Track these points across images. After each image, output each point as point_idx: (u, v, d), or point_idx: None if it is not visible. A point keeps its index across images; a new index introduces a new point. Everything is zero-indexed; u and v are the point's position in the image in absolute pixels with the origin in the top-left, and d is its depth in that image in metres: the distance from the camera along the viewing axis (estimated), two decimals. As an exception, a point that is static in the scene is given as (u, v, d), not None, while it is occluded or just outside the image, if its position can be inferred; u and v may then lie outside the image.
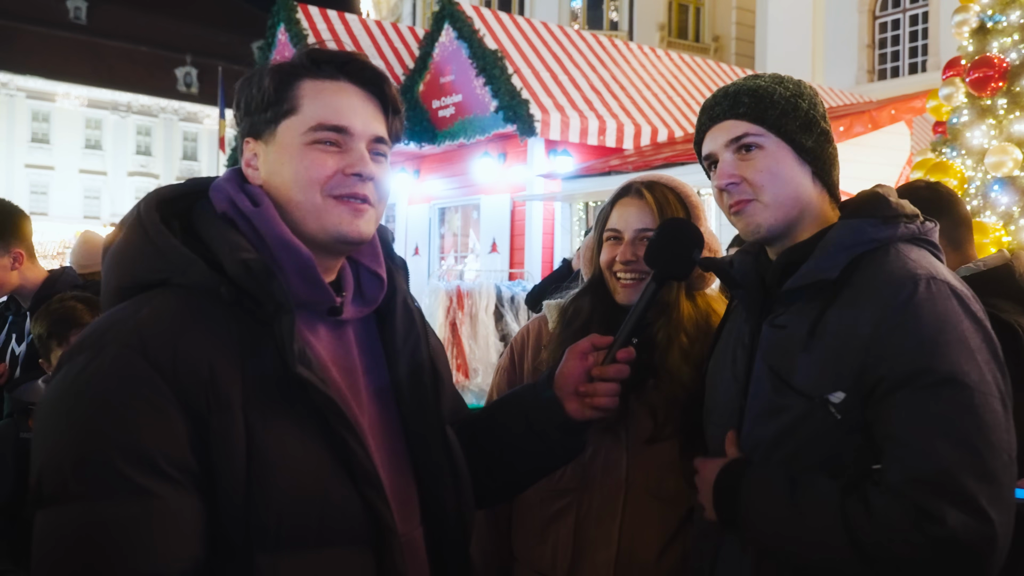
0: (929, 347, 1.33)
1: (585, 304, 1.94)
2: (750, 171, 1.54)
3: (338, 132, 1.29)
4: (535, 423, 1.51)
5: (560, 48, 11.90)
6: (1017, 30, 4.73)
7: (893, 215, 1.50)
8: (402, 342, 1.42)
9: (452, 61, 11.28)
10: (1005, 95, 4.69)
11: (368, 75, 1.35)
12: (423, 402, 1.41)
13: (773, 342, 1.53)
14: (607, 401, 1.48)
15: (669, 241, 1.59)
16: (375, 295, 1.42)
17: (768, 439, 1.50)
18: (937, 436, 1.29)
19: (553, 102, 10.68)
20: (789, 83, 1.60)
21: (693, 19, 26.44)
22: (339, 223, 1.28)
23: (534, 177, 10.55)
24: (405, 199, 12.97)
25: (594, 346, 1.52)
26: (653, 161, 8.98)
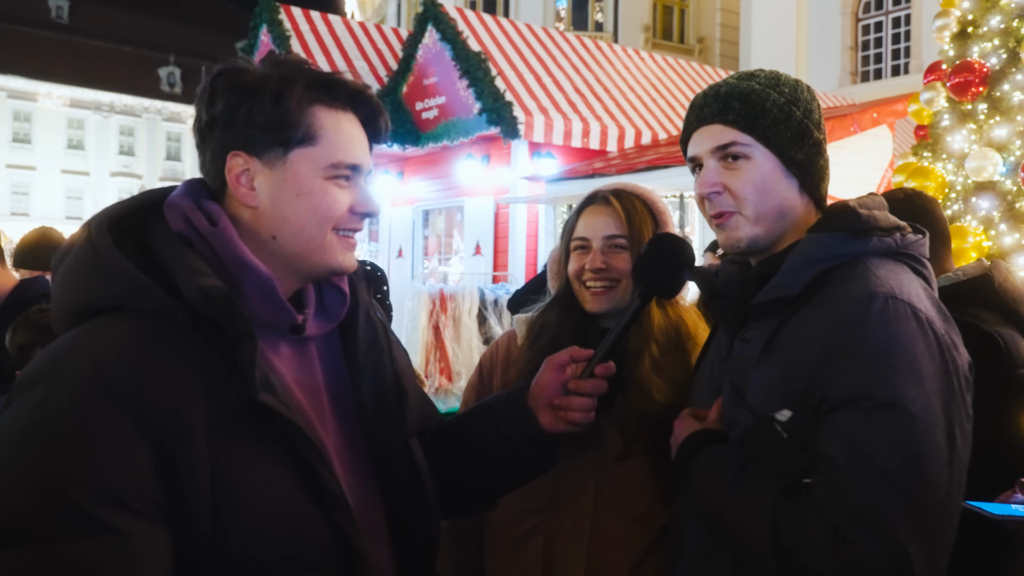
0: (873, 369, 1.28)
1: (553, 317, 1.91)
2: (734, 182, 1.49)
3: (352, 169, 1.30)
4: (507, 434, 1.50)
5: (544, 50, 11.87)
6: (998, 35, 4.73)
7: (864, 228, 1.44)
8: (364, 357, 1.40)
9: (435, 63, 11.23)
10: (986, 100, 4.70)
11: (373, 111, 1.36)
12: (387, 418, 1.39)
13: (737, 356, 1.51)
14: (581, 416, 1.46)
15: (659, 257, 1.57)
16: (338, 310, 1.40)
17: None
18: (867, 463, 1.25)
19: (537, 104, 10.65)
20: (786, 86, 1.52)
21: (678, 20, 26.50)
22: (340, 259, 1.31)
23: (518, 179, 10.51)
24: (389, 201, 12.91)
25: (572, 359, 1.50)
26: (637, 164, 8.96)
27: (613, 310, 1.84)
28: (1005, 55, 4.62)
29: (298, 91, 1.27)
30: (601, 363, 1.48)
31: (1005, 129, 4.50)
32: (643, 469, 1.76)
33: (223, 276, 1.23)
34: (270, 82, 1.26)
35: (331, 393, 1.35)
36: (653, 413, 1.75)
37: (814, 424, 1.34)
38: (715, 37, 26.12)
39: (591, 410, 1.48)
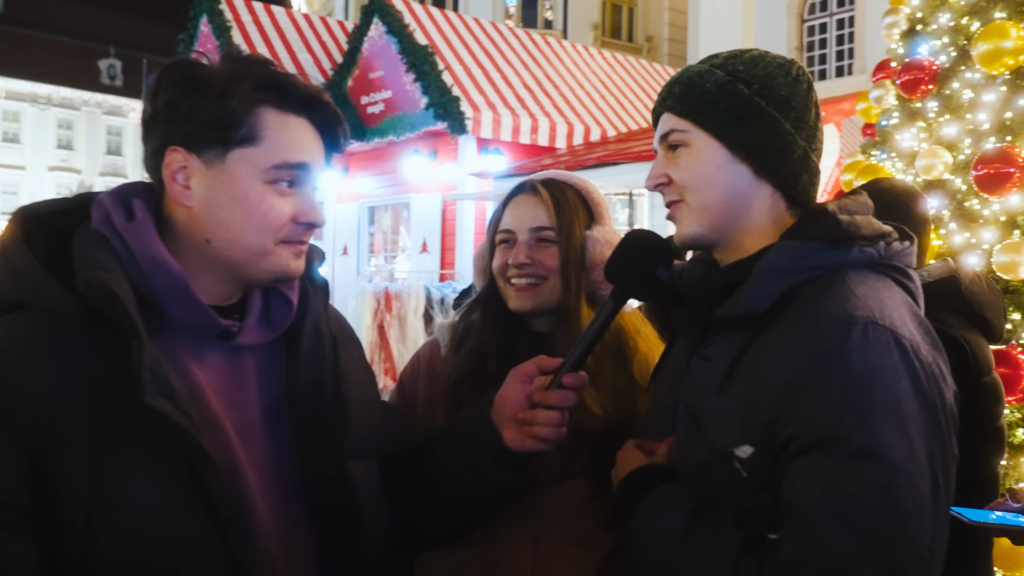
0: (851, 410, 1.11)
1: (477, 318, 1.75)
2: (675, 170, 1.36)
3: (297, 171, 1.25)
4: (471, 455, 1.40)
5: (492, 45, 11.72)
6: (947, 33, 4.69)
7: (844, 237, 1.27)
8: (305, 370, 1.32)
9: (381, 56, 11.01)
10: (935, 98, 4.65)
11: (329, 119, 1.30)
12: (322, 437, 1.30)
13: (696, 376, 1.35)
14: (548, 431, 1.35)
15: (633, 256, 1.42)
16: (283, 320, 1.33)
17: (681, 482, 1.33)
18: (841, 519, 1.08)
19: (485, 100, 10.49)
20: (741, 63, 1.36)
21: (627, 19, 26.57)
22: (282, 266, 1.25)
23: (465, 176, 10.36)
24: (333, 197, 12.65)
25: (539, 369, 1.40)
26: (586, 160, 8.86)
27: (539, 309, 1.68)
28: (955, 53, 4.58)
29: (245, 89, 1.22)
30: (571, 372, 1.36)
31: (955, 127, 4.45)
32: (585, 489, 1.60)
33: (137, 275, 1.18)
34: (218, 78, 1.22)
35: (265, 407, 1.28)
36: (593, 428, 1.59)
37: (778, 464, 1.18)
38: (663, 36, 26.25)
39: (560, 425, 1.37)
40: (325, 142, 1.31)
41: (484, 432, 1.39)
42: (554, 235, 1.68)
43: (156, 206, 1.26)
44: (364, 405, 1.38)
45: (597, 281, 1.68)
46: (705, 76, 1.36)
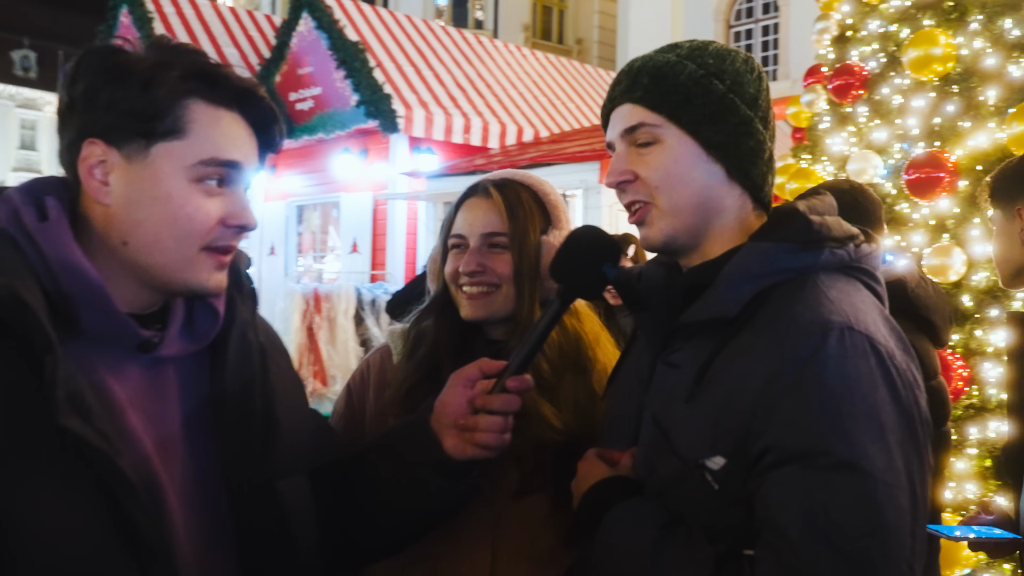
0: (829, 420, 1.07)
1: (430, 325, 1.65)
2: (643, 168, 1.27)
3: (227, 168, 1.15)
4: (410, 463, 1.32)
5: (424, 43, 11.59)
6: (877, 39, 4.77)
7: (815, 239, 1.22)
8: (231, 383, 1.22)
9: (311, 52, 10.78)
10: (866, 103, 4.73)
11: (264, 114, 1.21)
12: (250, 455, 1.21)
13: (662, 384, 1.28)
14: (490, 438, 1.28)
15: (579, 253, 1.34)
16: (207, 330, 1.23)
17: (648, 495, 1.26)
18: (820, 535, 1.04)
19: (417, 98, 10.36)
20: (711, 56, 1.29)
21: (557, 21, 26.68)
22: (204, 278, 1.16)
23: (397, 175, 10.21)
24: (260, 196, 12.35)
25: (482, 372, 1.33)
26: (519, 161, 8.82)
27: (492, 318, 1.60)
28: (884, 59, 4.65)
29: (173, 78, 1.12)
30: (515, 375, 1.29)
31: (885, 132, 4.53)
32: (545, 505, 1.52)
33: (49, 280, 1.08)
34: (142, 65, 1.12)
35: (187, 423, 1.19)
36: (552, 440, 1.51)
37: (752, 477, 1.12)
38: (593, 39, 26.43)
39: (504, 431, 1.29)
40: (259, 140, 1.23)
41: (423, 439, 1.32)
42: (507, 241, 1.59)
43: (71, 204, 1.15)
44: (294, 420, 1.30)
45: (552, 289, 1.60)
46: (676, 68, 1.27)
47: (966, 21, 4.07)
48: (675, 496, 1.19)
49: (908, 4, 4.52)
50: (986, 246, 3.68)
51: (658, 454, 1.23)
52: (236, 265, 1.29)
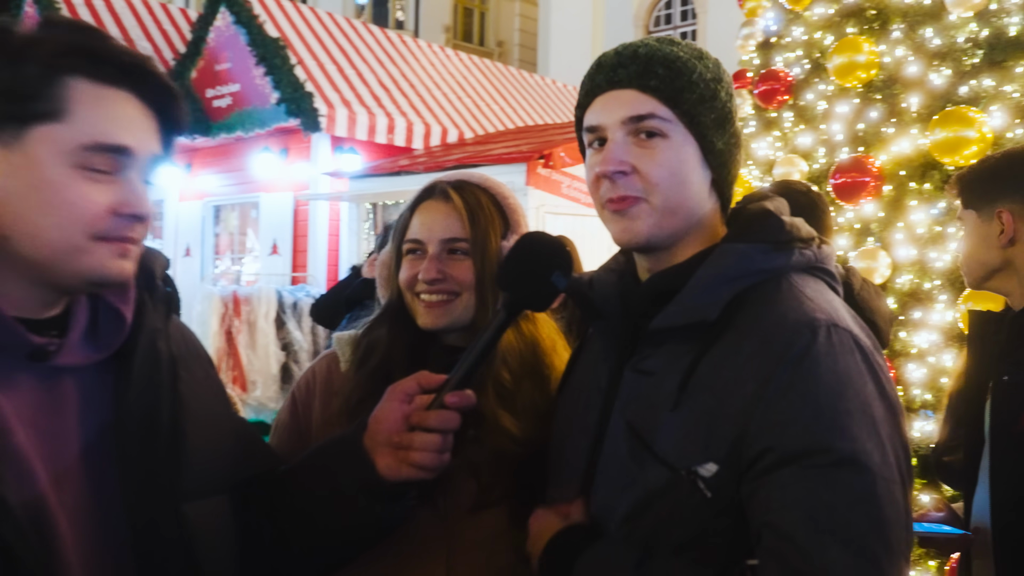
0: (828, 417, 1.06)
1: (383, 334, 1.57)
2: (647, 163, 1.22)
3: (116, 154, 1.05)
4: (338, 485, 1.23)
5: (347, 41, 11.39)
6: (801, 46, 4.86)
7: (787, 239, 1.22)
8: (136, 397, 1.12)
9: (229, 48, 10.46)
10: (791, 108, 4.81)
11: (161, 92, 1.11)
12: (153, 476, 1.11)
13: (636, 392, 1.24)
14: (426, 457, 1.19)
15: (526, 260, 1.27)
16: (113, 337, 1.13)
17: (621, 512, 1.20)
18: (827, 533, 1.02)
19: (340, 97, 10.16)
20: (710, 61, 1.27)
21: (478, 23, 26.68)
22: (101, 267, 1.05)
23: (319, 175, 9.98)
24: (175, 195, 11.94)
25: (420, 387, 1.23)
26: (445, 162, 8.72)
27: (452, 326, 1.53)
28: (809, 65, 4.75)
29: (47, 54, 1.02)
30: (455, 390, 1.20)
31: (809, 137, 4.62)
32: (503, 519, 1.46)
33: None
34: (13, 40, 1.02)
35: (86, 442, 1.08)
36: (510, 452, 1.45)
37: (746, 481, 1.10)
38: (514, 42, 26.50)
39: (442, 450, 1.20)
40: (160, 122, 1.12)
41: (354, 458, 1.23)
42: (468, 247, 1.52)
43: None
44: (209, 436, 1.20)
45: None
46: (689, 65, 1.23)
47: (888, 29, 4.18)
48: (663, 507, 1.15)
49: (832, 12, 4.62)
50: (909, 249, 3.78)
51: (640, 465, 1.18)
52: (149, 266, 1.21)
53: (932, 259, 3.68)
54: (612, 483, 1.23)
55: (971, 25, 3.78)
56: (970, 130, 3.43)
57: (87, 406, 1.10)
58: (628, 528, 1.19)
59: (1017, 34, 3.64)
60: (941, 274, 3.65)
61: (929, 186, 3.76)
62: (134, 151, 1.07)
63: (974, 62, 3.77)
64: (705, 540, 1.12)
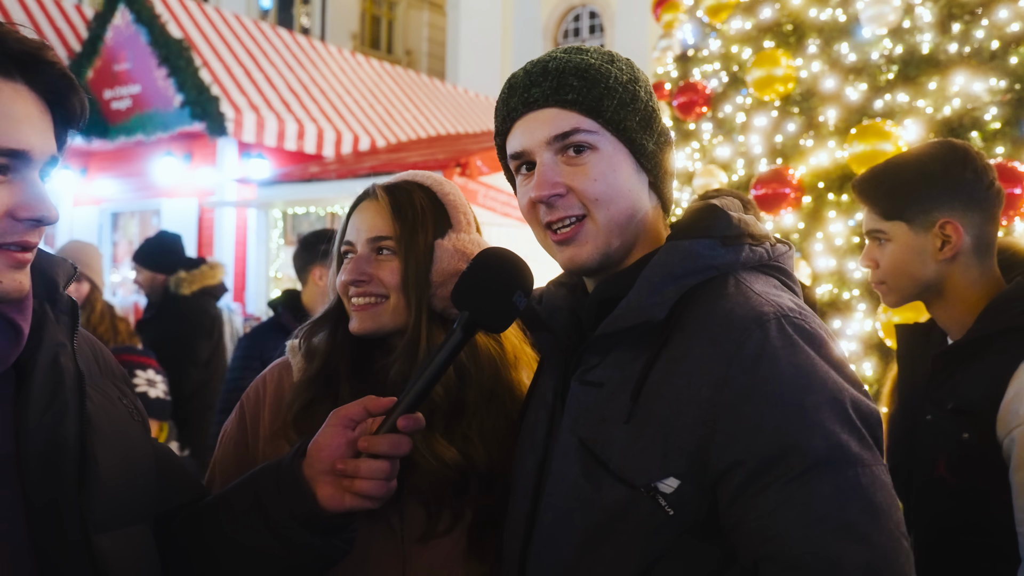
0: (796, 417, 1.01)
1: (322, 339, 1.49)
2: (581, 179, 1.16)
3: (10, 156, 0.95)
4: (274, 518, 1.12)
5: (254, 44, 11.10)
6: (719, 59, 4.94)
7: (735, 235, 1.17)
8: (39, 416, 1.01)
9: (129, 47, 10.06)
10: (710, 120, 4.88)
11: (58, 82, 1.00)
12: (60, 504, 1.00)
13: (585, 405, 1.16)
14: (372, 486, 1.10)
15: (487, 279, 1.18)
16: (6, 352, 1.01)
17: (574, 538, 1.12)
18: (832, 545, 0.98)
19: (247, 101, 9.88)
20: (622, 63, 1.22)
21: (386, 32, 26.52)
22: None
23: (225, 181, 9.68)
24: (69, 200, 11.38)
25: (367, 411, 1.13)
26: (358, 169, 8.58)
27: (380, 331, 1.44)
28: (727, 78, 4.82)
29: None
30: (406, 413, 1.10)
31: (728, 149, 4.68)
32: (461, 543, 1.37)
33: None
34: None
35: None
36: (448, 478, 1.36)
37: (720, 494, 1.04)
38: (423, 51, 26.44)
39: (390, 478, 1.11)
40: (56, 115, 1.02)
41: (291, 489, 1.12)
42: (393, 244, 1.44)
43: None
44: (123, 460, 1.10)
45: (445, 298, 1.43)
46: (603, 71, 1.18)
47: (804, 44, 4.27)
48: (623, 529, 1.08)
49: (749, 27, 4.70)
50: (828, 259, 3.85)
51: (595, 486, 1.11)
52: (51, 276, 1.10)
53: (851, 269, 3.76)
54: (561, 504, 1.15)
55: (885, 42, 3.89)
56: (887, 143, 3.52)
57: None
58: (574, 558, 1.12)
59: (930, 51, 3.76)
60: (860, 284, 3.73)
61: (847, 198, 3.84)
62: (29, 152, 0.96)
63: (888, 77, 3.88)
64: (662, 563, 1.06)
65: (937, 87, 3.71)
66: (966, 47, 3.72)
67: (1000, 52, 3.63)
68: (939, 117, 3.64)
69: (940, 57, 3.76)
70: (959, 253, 1.75)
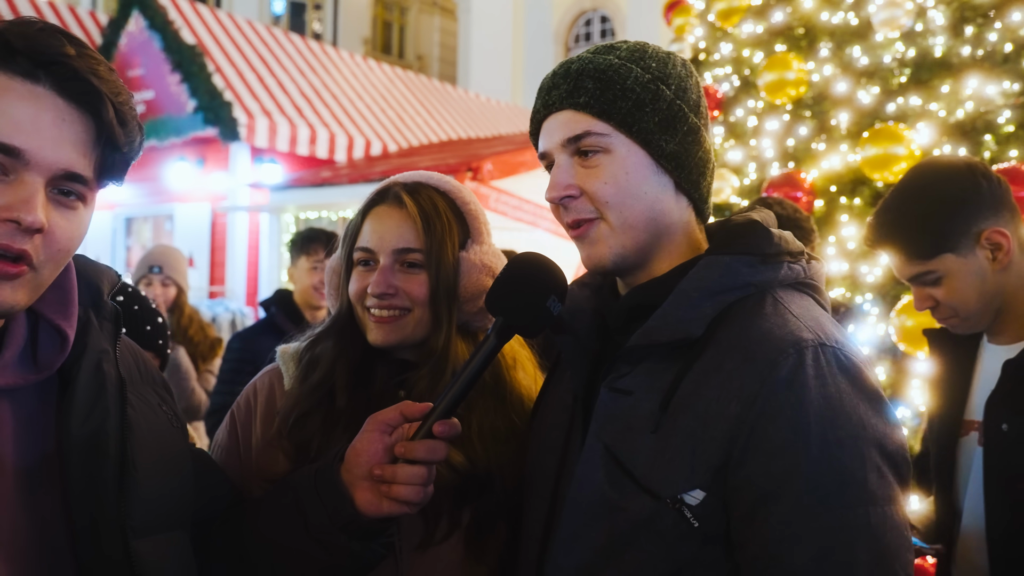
0: (817, 446, 1.01)
1: (328, 348, 1.45)
2: (592, 182, 1.16)
3: (5, 155, 0.92)
4: (313, 523, 1.14)
5: (267, 49, 11.15)
6: (730, 62, 4.93)
7: (775, 252, 1.16)
8: (81, 420, 1.02)
9: (142, 53, 10.13)
10: (721, 124, 4.87)
11: (81, 87, 0.95)
12: (99, 507, 1.01)
13: (612, 412, 1.15)
14: (410, 492, 1.10)
15: (523, 284, 1.18)
16: (52, 358, 1.03)
17: (596, 546, 1.12)
18: (832, 568, 0.98)
19: (260, 106, 9.92)
20: (652, 60, 1.20)
21: (397, 37, 26.59)
22: None
23: (238, 186, 9.72)
24: (83, 205, 11.47)
25: (404, 416, 1.14)
26: (370, 174, 8.60)
27: (403, 343, 1.42)
28: (738, 82, 4.82)
29: None
30: (442, 418, 1.11)
31: (740, 153, 4.67)
32: (458, 550, 1.36)
33: None
34: None
35: (24, 469, 0.99)
36: (451, 482, 1.34)
37: (733, 510, 1.04)
38: (434, 56, 26.50)
39: (427, 483, 1.11)
40: (101, 138, 0.98)
41: (330, 494, 1.14)
42: (422, 259, 1.41)
43: None
44: (163, 466, 1.11)
45: (471, 313, 1.43)
46: (621, 72, 1.17)
47: (816, 48, 4.27)
48: (648, 539, 1.07)
49: (760, 31, 4.70)
50: (840, 263, 3.84)
51: (621, 494, 1.10)
52: (96, 284, 1.11)
53: (863, 273, 3.75)
54: (584, 510, 1.15)
55: (897, 45, 3.89)
56: (899, 146, 3.51)
57: (25, 431, 1.00)
58: (596, 567, 1.11)
59: (942, 54, 3.75)
60: (872, 287, 3.72)
61: (859, 201, 3.83)
62: (25, 152, 0.93)
63: (901, 80, 3.87)
64: (691, 574, 1.06)
65: (950, 90, 3.70)
66: (979, 50, 3.71)
67: (1013, 55, 3.62)
68: (952, 120, 3.63)
69: (953, 60, 3.75)
70: (1012, 258, 1.72)
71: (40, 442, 1.01)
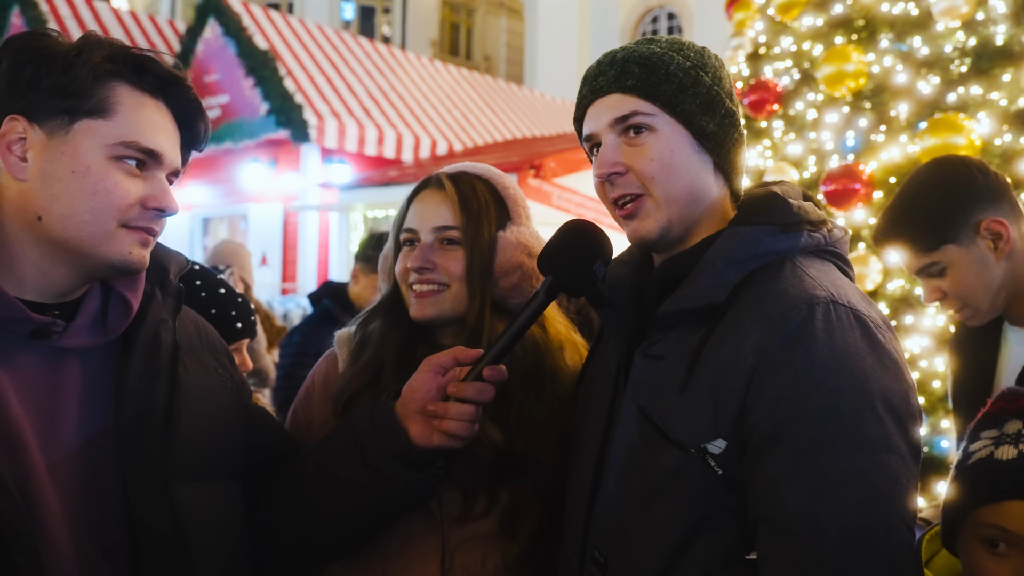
0: (819, 393, 1.08)
1: (376, 327, 1.55)
2: (639, 159, 1.25)
3: (148, 156, 1.16)
4: (370, 453, 1.28)
5: (336, 53, 11.43)
6: (790, 56, 4.92)
7: (795, 222, 1.24)
8: (136, 381, 1.19)
9: (217, 59, 10.49)
10: (781, 118, 4.86)
11: (190, 107, 1.22)
12: (145, 454, 1.17)
13: (647, 377, 1.25)
14: (459, 426, 1.24)
15: (573, 246, 1.30)
16: (118, 323, 1.21)
17: (633, 499, 1.21)
18: (824, 518, 1.05)
19: (329, 108, 10.19)
20: (691, 51, 1.30)
21: (464, 38, 26.81)
22: (126, 251, 1.15)
23: (308, 186, 10.00)
24: (163, 206, 11.90)
25: (457, 360, 1.29)
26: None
27: (441, 318, 1.50)
28: (798, 75, 4.80)
29: (96, 60, 1.13)
30: (492, 364, 1.25)
31: (799, 146, 4.66)
32: (492, 527, 1.43)
33: None
34: (66, 47, 1.14)
35: (83, 420, 1.15)
36: (491, 462, 1.42)
37: (743, 463, 1.13)
38: (501, 57, 26.65)
39: (473, 421, 1.25)
40: (183, 135, 1.23)
41: (386, 425, 1.28)
42: (459, 235, 1.49)
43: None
44: (208, 420, 1.26)
45: (506, 289, 1.50)
46: (665, 59, 1.27)
47: (876, 39, 4.23)
48: (676, 490, 1.16)
49: (820, 23, 4.68)
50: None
51: (652, 450, 1.20)
52: (164, 265, 1.29)
53: (922, 264, 3.72)
54: (622, 471, 1.24)
55: (958, 34, 3.84)
56: (959, 137, 3.48)
57: (90, 388, 1.16)
58: (633, 518, 1.20)
59: (1004, 43, 3.70)
60: (931, 279, 3.69)
61: (919, 192, 3.80)
62: (162, 155, 1.17)
63: (962, 70, 3.82)
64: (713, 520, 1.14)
65: (1011, 79, 3.64)
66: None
67: (1078, 42, 3.55)
68: (1013, 110, 3.58)
69: (1015, 48, 3.69)
70: (1013, 247, 1.77)
71: (101, 398, 1.17)
